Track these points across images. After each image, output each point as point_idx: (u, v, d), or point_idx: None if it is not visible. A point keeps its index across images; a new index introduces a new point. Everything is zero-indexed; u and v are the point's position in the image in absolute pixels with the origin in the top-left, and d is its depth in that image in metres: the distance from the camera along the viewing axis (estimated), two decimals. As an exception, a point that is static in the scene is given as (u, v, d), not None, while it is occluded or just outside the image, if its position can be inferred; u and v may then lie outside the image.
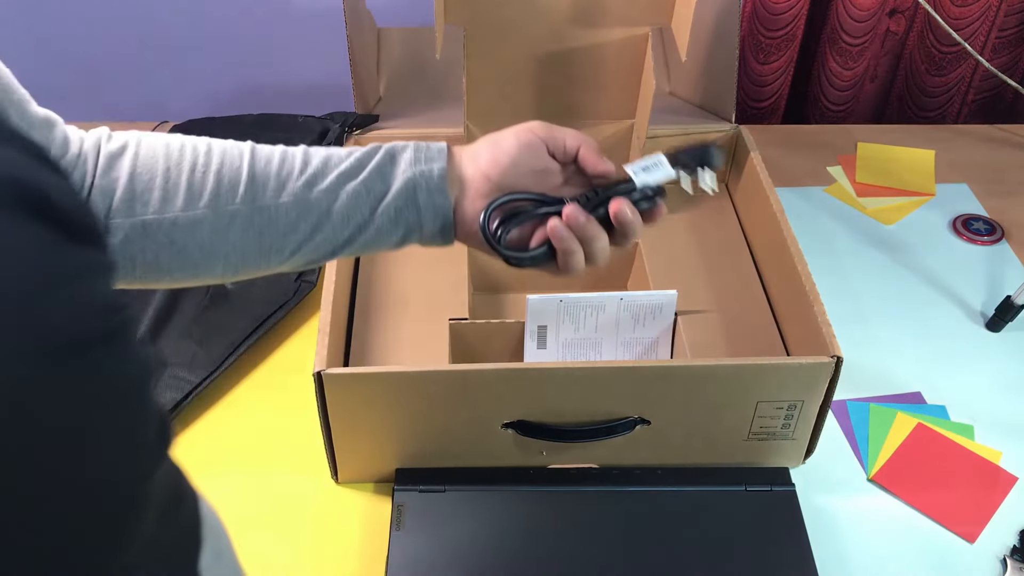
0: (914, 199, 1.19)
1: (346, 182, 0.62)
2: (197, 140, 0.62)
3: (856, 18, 1.23)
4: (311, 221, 0.61)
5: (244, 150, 0.62)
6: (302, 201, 0.61)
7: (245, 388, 0.95)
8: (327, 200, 0.61)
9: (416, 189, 0.62)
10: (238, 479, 0.86)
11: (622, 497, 0.81)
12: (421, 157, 0.63)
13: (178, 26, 1.34)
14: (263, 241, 0.61)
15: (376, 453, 0.82)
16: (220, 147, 0.62)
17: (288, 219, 0.61)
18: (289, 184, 0.61)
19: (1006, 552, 0.80)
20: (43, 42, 1.35)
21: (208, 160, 0.60)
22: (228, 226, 0.60)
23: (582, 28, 0.95)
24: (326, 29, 1.30)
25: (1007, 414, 0.92)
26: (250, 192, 0.60)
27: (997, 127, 1.31)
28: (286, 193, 0.61)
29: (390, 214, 0.62)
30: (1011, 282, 1.06)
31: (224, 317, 0.97)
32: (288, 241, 0.62)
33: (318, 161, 0.62)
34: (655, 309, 0.89)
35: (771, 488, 0.82)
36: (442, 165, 0.63)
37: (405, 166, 0.62)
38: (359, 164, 0.62)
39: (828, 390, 0.79)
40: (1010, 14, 1.25)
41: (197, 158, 0.60)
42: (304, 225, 0.61)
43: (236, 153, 0.61)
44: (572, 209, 0.62)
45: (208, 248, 0.60)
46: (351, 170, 0.62)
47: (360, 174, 0.62)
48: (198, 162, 0.60)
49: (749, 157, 1.00)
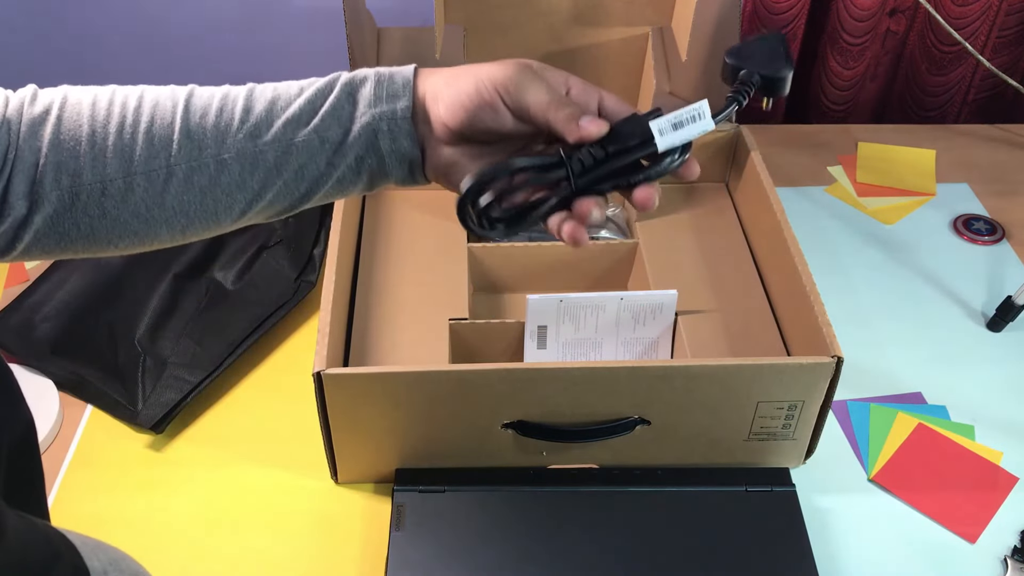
0: (915, 199, 1.19)
1: (296, 130, 0.55)
2: (128, 93, 0.56)
3: (856, 18, 1.23)
4: (259, 177, 0.55)
5: (179, 101, 0.55)
6: (245, 155, 0.54)
7: (245, 388, 0.95)
8: (274, 153, 0.55)
9: (377, 134, 0.55)
10: (238, 479, 0.86)
11: (622, 497, 0.81)
12: (383, 94, 0.55)
13: (178, 26, 1.34)
14: (206, 202, 0.55)
15: (376, 453, 0.82)
16: (152, 100, 0.55)
17: (231, 177, 0.55)
18: (229, 138, 0.54)
19: (1007, 552, 0.80)
20: (42, 41, 1.35)
21: (137, 118, 0.54)
22: (164, 189, 0.54)
23: (582, 28, 0.95)
24: (326, 29, 1.30)
25: (1008, 414, 0.92)
26: (185, 150, 0.54)
27: (998, 127, 1.31)
28: (226, 148, 0.54)
29: (350, 163, 0.55)
30: (1012, 282, 1.06)
31: (224, 317, 0.97)
32: (236, 200, 0.55)
33: (262, 107, 0.55)
34: (655, 309, 0.89)
35: (771, 488, 0.82)
36: (407, 104, 0.55)
37: (364, 107, 0.55)
38: (311, 107, 0.55)
39: (828, 390, 0.78)
40: (1010, 13, 1.24)
41: (125, 116, 0.54)
42: (252, 181, 0.55)
43: (169, 106, 0.55)
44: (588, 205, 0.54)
45: (146, 215, 0.54)
46: (301, 115, 0.55)
47: (312, 120, 0.55)
48: (126, 121, 0.54)
49: (749, 157, 1.00)
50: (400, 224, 1.03)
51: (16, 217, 0.53)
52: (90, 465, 0.87)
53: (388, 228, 1.02)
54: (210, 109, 0.55)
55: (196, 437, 0.90)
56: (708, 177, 1.10)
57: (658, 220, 1.04)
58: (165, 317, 0.98)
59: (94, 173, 0.53)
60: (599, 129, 0.53)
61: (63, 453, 0.88)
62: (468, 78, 0.55)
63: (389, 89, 0.55)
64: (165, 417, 0.88)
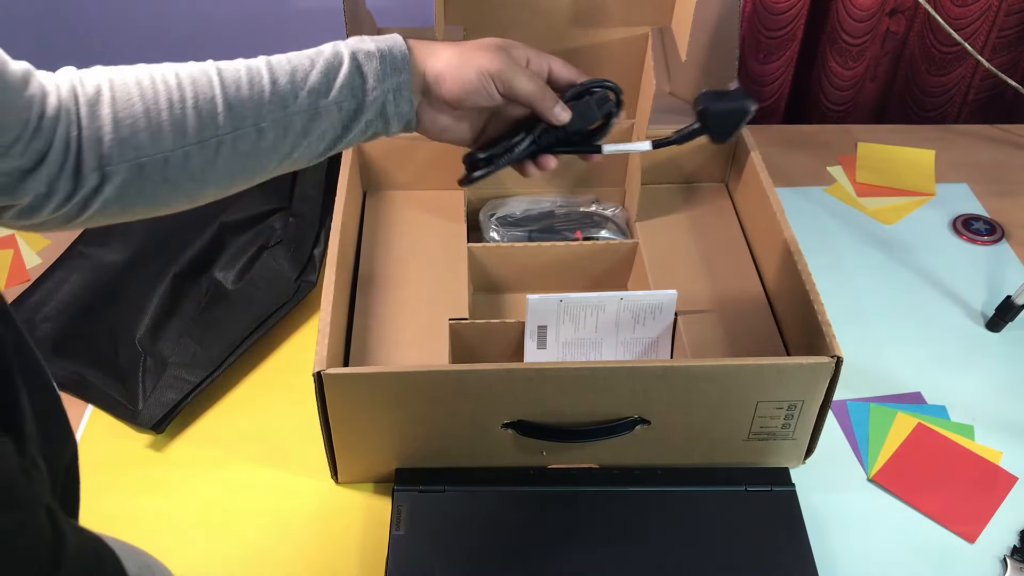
0: (914, 199, 1.19)
1: (318, 100, 0.63)
2: (165, 71, 0.61)
3: (856, 18, 1.23)
4: (290, 140, 0.64)
5: (212, 77, 0.62)
6: (279, 123, 0.63)
7: (245, 388, 0.95)
8: (302, 120, 0.63)
9: (385, 104, 0.65)
10: (238, 479, 0.86)
11: (622, 497, 0.81)
12: (387, 69, 0.65)
13: (178, 26, 1.34)
14: (248, 164, 0.63)
15: (376, 453, 0.82)
16: (188, 76, 0.61)
17: (268, 142, 0.63)
18: (263, 107, 0.62)
19: (1006, 552, 0.80)
20: (42, 41, 1.35)
21: (182, 94, 0.61)
22: (215, 156, 0.61)
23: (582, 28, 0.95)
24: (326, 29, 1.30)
25: (1007, 414, 0.92)
26: (229, 121, 0.61)
27: (997, 127, 1.31)
28: (262, 117, 0.62)
29: (361, 127, 0.66)
30: (1011, 282, 1.06)
31: (224, 317, 0.97)
32: (271, 160, 0.64)
33: (285, 79, 0.63)
34: (655, 309, 0.89)
35: (771, 488, 0.82)
36: (407, 76, 0.66)
37: (373, 80, 0.65)
38: (326, 79, 0.64)
39: (828, 390, 0.78)
40: (1010, 14, 1.25)
41: (171, 94, 0.60)
42: (284, 144, 0.63)
43: (206, 81, 0.62)
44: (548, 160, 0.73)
45: (200, 178, 0.62)
46: (319, 87, 0.63)
47: (331, 91, 0.64)
48: (173, 97, 0.60)
49: (749, 157, 1.00)
50: (400, 224, 1.03)
51: (89, 188, 0.59)
52: (90, 465, 0.87)
53: (388, 228, 1.02)
54: (241, 82, 0.62)
55: (196, 437, 0.90)
56: (708, 177, 1.10)
57: (658, 220, 1.05)
58: (166, 317, 0.98)
59: (154, 146, 0.60)
60: (567, 115, 0.71)
61: (63, 453, 0.88)
62: (470, 68, 0.67)
63: (392, 64, 0.65)
64: (165, 417, 0.88)
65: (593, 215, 1.06)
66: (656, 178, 1.08)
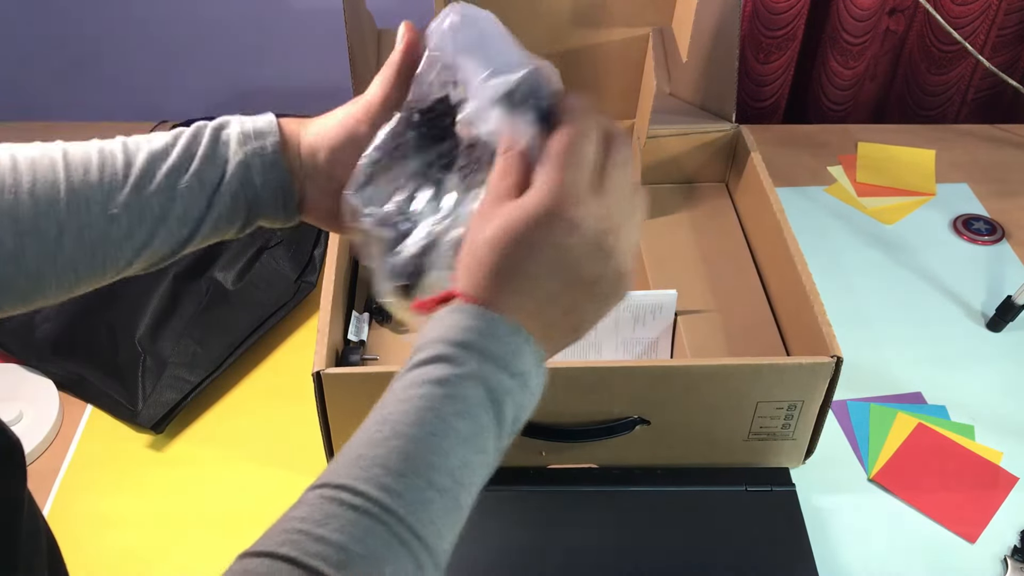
0: (914, 199, 1.19)
1: (178, 178, 0.57)
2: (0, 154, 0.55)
3: (856, 17, 1.23)
4: (146, 227, 0.57)
5: (56, 158, 0.55)
6: (133, 208, 0.56)
7: (245, 388, 0.95)
8: (159, 202, 0.57)
9: (250, 168, 0.58)
10: (238, 479, 0.86)
11: (622, 497, 0.81)
12: (250, 132, 0.59)
13: (177, 26, 1.34)
14: (96, 257, 0.56)
15: (376, 453, 0.82)
16: (27, 159, 0.55)
17: (120, 230, 0.56)
18: (115, 192, 0.55)
19: (1007, 552, 0.80)
20: (42, 42, 1.35)
21: (17, 179, 0.54)
22: (55, 250, 0.54)
23: (582, 28, 0.95)
24: (326, 29, 1.30)
25: (1008, 414, 0.92)
26: (73, 208, 0.54)
27: (998, 127, 1.31)
28: (114, 203, 0.55)
29: (227, 201, 0.58)
30: (1012, 282, 1.06)
31: (224, 317, 0.97)
32: (123, 251, 0.57)
33: (143, 158, 0.57)
34: (655, 309, 0.89)
35: (771, 488, 0.82)
36: (275, 139, 0.58)
37: (236, 146, 0.58)
38: (187, 153, 0.57)
39: (828, 390, 0.78)
40: (1010, 13, 1.24)
41: (3, 178, 0.54)
42: (140, 232, 0.57)
43: (47, 163, 0.55)
44: None
45: (36, 275, 0.55)
46: (180, 163, 0.57)
47: (190, 165, 0.57)
48: (6, 183, 0.54)
49: (749, 157, 1.00)
50: (400, 224, 1.02)
51: None
52: (90, 465, 0.87)
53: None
54: (91, 164, 0.56)
55: (196, 437, 0.90)
56: (708, 177, 1.10)
57: (658, 220, 1.04)
58: (165, 317, 0.98)
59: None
60: None
61: (63, 453, 0.88)
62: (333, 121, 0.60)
63: (255, 128, 0.59)
64: (165, 417, 0.88)
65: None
66: (656, 178, 1.08)
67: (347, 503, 0.44)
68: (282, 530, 0.45)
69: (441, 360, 0.48)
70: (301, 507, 0.46)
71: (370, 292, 0.92)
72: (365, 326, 0.89)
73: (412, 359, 0.50)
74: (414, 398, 0.47)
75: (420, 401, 0.47)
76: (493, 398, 0.48)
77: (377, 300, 0.61)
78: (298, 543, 0.43)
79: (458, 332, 0.49)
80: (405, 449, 0.46)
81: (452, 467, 0.47)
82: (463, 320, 0.49)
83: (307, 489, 0.47)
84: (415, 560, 0.44)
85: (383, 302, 0.58)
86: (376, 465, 0.45)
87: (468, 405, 0.48)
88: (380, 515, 0.44)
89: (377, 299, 0.59)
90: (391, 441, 0.46)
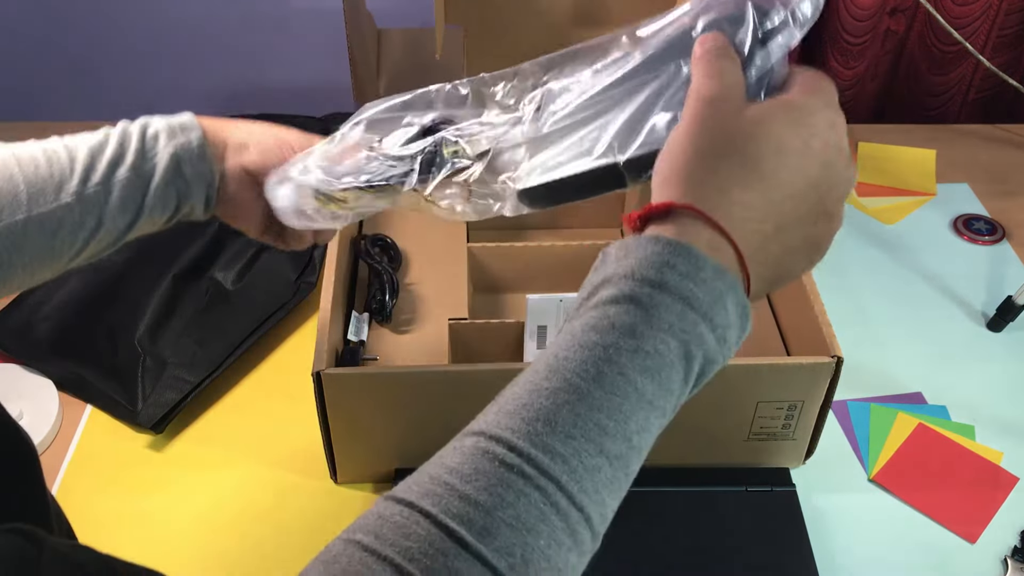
0: (915, 199, 1.19)
1: (115, 170, 0.61)
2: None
3: (857, 17, 1.23)
4: (94, 216, 0.61)
5: (6, 157, 0.60)
6: (82, 198, 0.60)
7: (245, 388, 0.95)
8: (103, 192, 0.61)
9: (180, 162, 0.62)
10: (238, 479, 0.86)
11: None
12: (176, 128, 0.63)
13: (177, 26, 1.34)
14: (55, 244, 0.60)
15: (376, 453, 0.82)
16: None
17: (74, 218, 0.60)
18: (66, 183, 0.60)
19: (1007, 552, 0.80)
20: (43, 42, 1.35)
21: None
22: (23, 238, 0.58)
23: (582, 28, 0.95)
24: (326, 29, 1.30)
25: (1008, 414, 0.92)
26: (33, 200, 0.59)
27: (998, 127, 1.31)
28: (65, 193, 0.60)
29: (160, 192, 0.62)
30: (1012, 282, 1.06)
31: (224, 317, 0.97)
32: (76, 239, 0.61)
33: (84, 152, 0.61)
34: (655, 309, 0.89)
35: (771, 488, 0.82)
36: (199, 134, 0.63)
37: (165, 140, 0.62)
38: (121, 149, 0.62)
39: (828, 390, 0.78)
40: (1011, 13, 1.24)
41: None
42: (89, 220, 0.61)
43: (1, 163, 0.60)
44: None
45: (6, 262, 0.59)
46: (116, 157, 0.61)
47: (126, 158, 0.61)
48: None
49: (749, 157, 1.00)
50: (400, 224, 1.02)
51: None
52: (90, 465, 0.87)
53: (388, 228, 1.02)
54: (39, 160, 0.60)
55: (196, 437, 0.90)
56: (708, 177, 1.10)
57: (658, 220, 1.04)
58: (165, 317, 0.98)
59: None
60: None
61: (63, 453, 0.88)
62: (268, 136, 0.65)
63: (181, 125, 0.63)
64: (165, 417, 0.88)
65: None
66: (656, 178, 1.08)
67: (501, 460, 0.39)
68: (429, 477, 0.41)
69: (632, 302, 0.41)
70: (454, 454, 0.42)
71: (370, 292, 0.92)
72: (365, 326, 0.89)
73: (594, 293, 0.42)
74: (595, 346, 0.41)
75: (602, 351, 0.40)
76: (687, 354, 0.42)
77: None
78: (441, 498, 0.39)
79: (655, 269, 0.41)
80: (577, 407, 0.40)
81: (629, 432, 0.41)
82: (661, 253, 0.41)
83: (463, 433, 0.43)
84: (572, 534, 0.40)
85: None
86: (540, 420, 0.40)
87: (659, 363, 0.41)
88: (537, 478, 0.39)
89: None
90: (561, 395, 0.40)
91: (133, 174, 0.61)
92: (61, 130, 0.64)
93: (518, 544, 0.38)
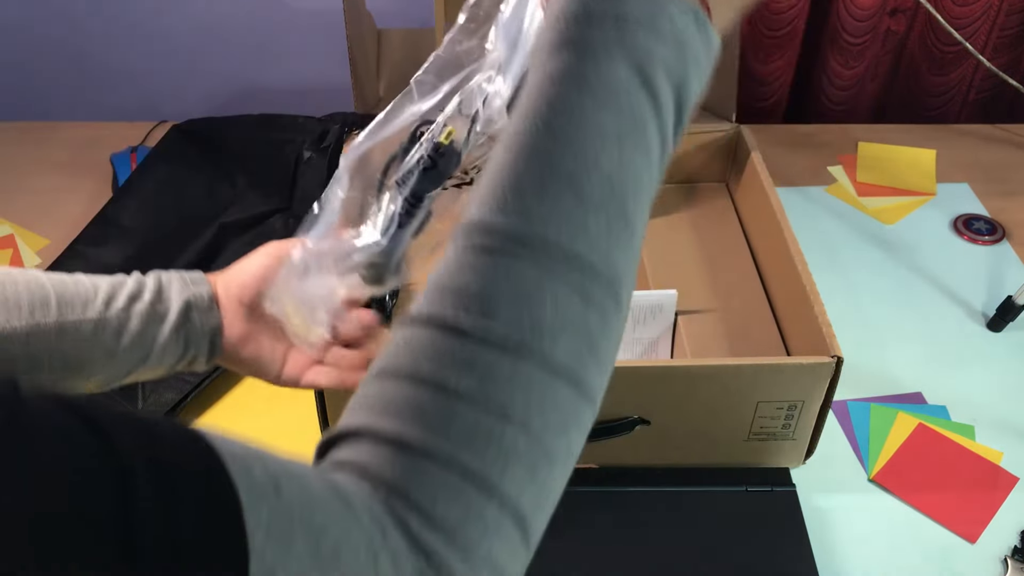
0: (915, 199, 1.19)
1: (134, 303, 0.62)
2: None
3: (857, 17, 1.23)
4: (115, 340, 0.61)
5: (33, 271, 0.61)
6: (104, 320, 0.61)
7: (245, 388, 0.94)
8: (124, 319, 0.62)
9: (191, 309, 0.64)
10: (238, 479, 0.86)
11: (622, 497, 0.81)
12: (187, 281, 0.65)
13: (177, 26, 1.34)
14: (82, 357, 0.61)
15: (376, 453, 0.82)
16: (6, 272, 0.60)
17: (95, 338, 0.61)
18: (91, 303, 0.61)
19: (1007, 552, 0.80)
20: (44, 42, 1.35)
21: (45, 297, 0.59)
22: (57, 340, 0.59)
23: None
24: (326, 29, 1.30)
25: (1008, 414, 0.92)
26: (62, 308, 0.60)
27: (998, 127, 1.31)
28: (91, 310, 0.61)
29: (171, 335, 0.63)
30: (1012, 282, 1.06)
31: (224, 317, 0.97)
32: (96, 355, 0.61)
33: (106, 282, 0.62)
34: (655, 309, 0.89)
35: (771, 488, 0.82)
36: (208, 289, 0.65)
37: (180, 287, 0.64)
38: (138, 287, 0.63)
39: (828, 390, 0.78)
40: (1011, 13, 1.24)
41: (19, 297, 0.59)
42: (109, 344, 0.61)
43: (32, 277, 0.60)
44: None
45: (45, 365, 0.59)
46: (134, 293, 0.63)
47: (143, 295, 0.63)
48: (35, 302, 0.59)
49: (749, 157, 1.00)
50: (400, 224, 1.02)
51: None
52: (90, 465, 0.87)
53: (388, 228, 1.02)
54: (67, 280, 0.61)
55: (196, 437, 0.90)
56: (708, 177, 1.10)
57: (658, 220, 1.04)
58: (165, 317, 0.98)
59: None
60: None
61: (63, 453, 0.88)
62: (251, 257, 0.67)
63: (192, 279, 0.65)
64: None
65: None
66: (656, 178, 1.08)
67: (480, 246, 0.37)
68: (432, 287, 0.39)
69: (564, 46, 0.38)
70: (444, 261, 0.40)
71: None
72: None
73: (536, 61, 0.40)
74: (541, 105, 0.38)
75: (547, 108, 0.38)
76: (643, 73, 0.38)
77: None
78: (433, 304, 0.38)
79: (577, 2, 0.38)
80: (540, 167, 0.37)
81: (606, 172, 0.38)
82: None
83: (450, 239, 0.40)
84: (579, 290, 0.37)
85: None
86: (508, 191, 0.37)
87: (610, 90, 0.38)
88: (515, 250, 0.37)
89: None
90: (520, 163, 0.38)
91: (151, 309, 0.62)
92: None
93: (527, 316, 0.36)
